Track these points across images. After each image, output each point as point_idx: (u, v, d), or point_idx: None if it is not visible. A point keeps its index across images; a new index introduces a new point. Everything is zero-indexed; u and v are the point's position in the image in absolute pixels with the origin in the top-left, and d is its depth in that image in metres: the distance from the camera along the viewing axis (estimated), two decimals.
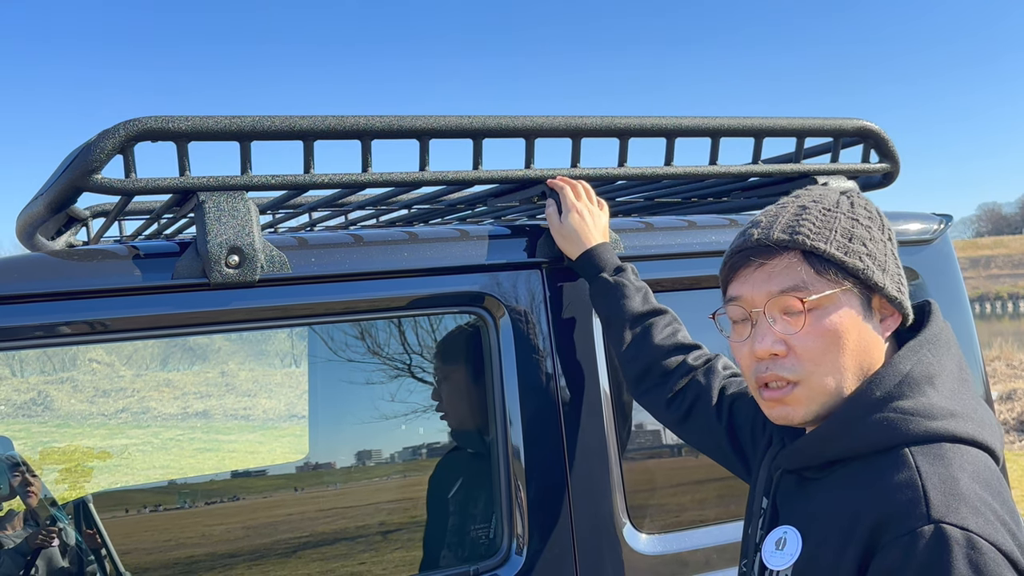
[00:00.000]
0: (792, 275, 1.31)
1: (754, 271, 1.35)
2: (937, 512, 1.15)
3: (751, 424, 1.63)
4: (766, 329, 1.33)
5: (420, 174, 1.89)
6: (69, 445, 8.15)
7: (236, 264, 1.67)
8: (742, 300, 1.36)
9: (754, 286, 1.34)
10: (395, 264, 1.84)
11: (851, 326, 1.30)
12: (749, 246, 1.36)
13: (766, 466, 1.48)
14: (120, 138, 1.63)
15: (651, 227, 2.18)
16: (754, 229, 1.36)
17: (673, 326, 1.86)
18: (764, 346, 1.32)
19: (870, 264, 1.32)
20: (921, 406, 1.27)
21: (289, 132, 1.75)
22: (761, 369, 1.34)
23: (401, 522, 2.24)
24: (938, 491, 1.18)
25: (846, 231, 1.32)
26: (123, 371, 10.59)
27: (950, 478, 1.19)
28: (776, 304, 1.32)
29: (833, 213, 1.34)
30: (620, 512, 1.98)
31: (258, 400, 9.92)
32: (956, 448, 1.24)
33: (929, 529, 1.14)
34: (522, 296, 1.96)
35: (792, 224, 1.33)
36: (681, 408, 1.76)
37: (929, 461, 1.22)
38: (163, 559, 2.61)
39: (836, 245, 1.31)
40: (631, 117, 2.06)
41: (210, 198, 1.69)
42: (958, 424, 1.26)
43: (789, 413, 1.34)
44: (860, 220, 1.35)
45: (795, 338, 1.31)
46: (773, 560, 1.34)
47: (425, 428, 2.24)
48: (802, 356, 1.31)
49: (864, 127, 2.28)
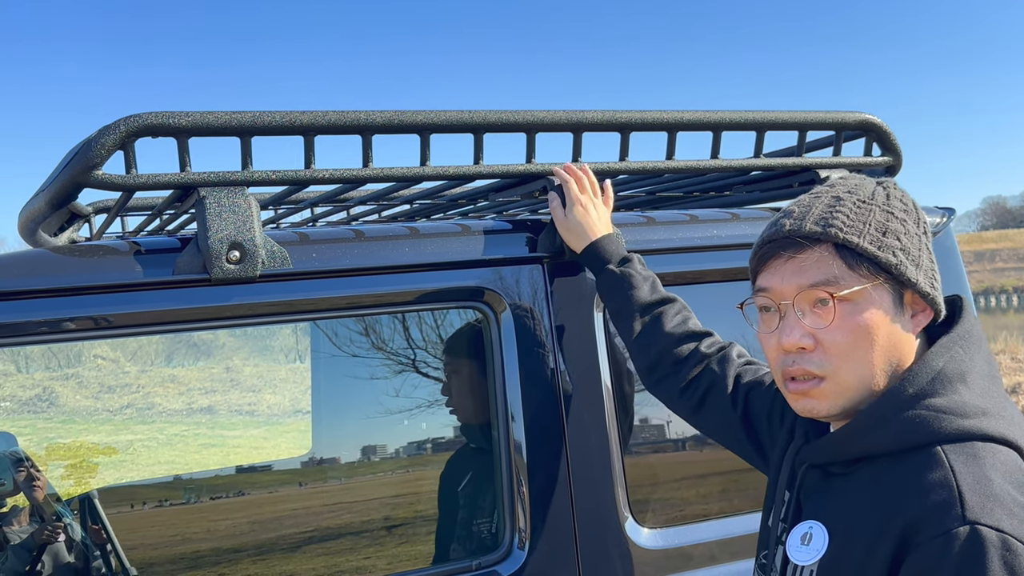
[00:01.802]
0: (823, 269, 1.29)
1: (784, 263, 1.32)
2: (972, 513, 1.14)
3: (767, 413, 1.62)
4: (794, 322, 1.30)
5: (421, 169, 1.89)
6: (74, 441, 8.18)
7: (237, 260, 1.68)
8: (771, 291, 1.34)
9: (784, 278, 1.32)
10: (396, 259, 1.84)
11: (882, 322, 1.28)
12: (780, 237, 1.33)
13: (789, 459, 1.46)
14: (121, 134, 1.63)
15: (653, 221, 2.17)
16: (786, 219, 1.33)
17: (683, 314, 1.85)
18: (792, 339, 1.30)
19: (904, 259, 1.29)
20: (954, 404, 1.25)
21: (290, 127, 1.75)
22: (788, 362, 1.32)
23: (405, 517, 2.24)
24: (972, 492, 1.16)
25: (880, 224, 1.30)
26: (128, 367, 10.62)
27: (984, 478, 1.18)
28: (806, 297, 1.30)
29: (868, 205, 1.31)
30: (622, 506, 1.98)
31: (263, 396, 9.94)
32: (988, 447, 1.23)
33: (964, 530, 1.13)
34: (524, 291, 1.96)
35: (825, 216, 1.30)
36: (695, 396, 1.74)
37: (963, 461, 1.20)
38: (168, 554, 2.61)
39: (870, 239, 1.28)
40: (632, 111, 2.06)
41: (211, 194, 1.69)
42: (990, 423, 1.25)
43: (814, 407, 1.32)
44: (895, 213, 1.32)
45: (823, 332, 1.28)
46: (799, 555, 1.32)
47: (427, 423, 2.24)
48: (830, 351, 1.29)
49: (866, 120, 2.27)
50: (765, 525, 1.51)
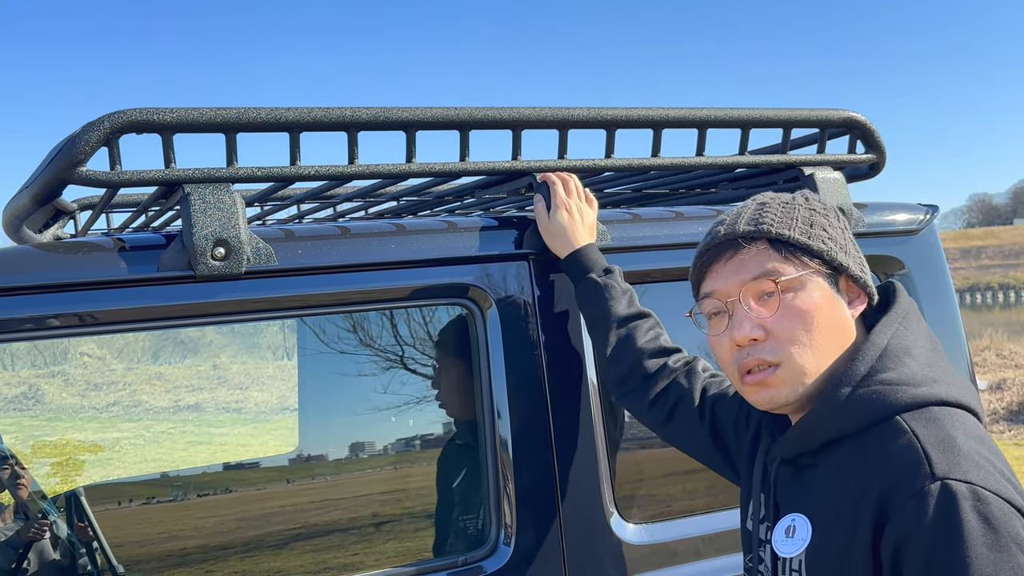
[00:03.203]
0: (762, 261, 1.37)
1: (724, 264, 1.40)
2: (940, 470, 1.19)
3: (733, 423, 1.66)
4: (743, 316, 1.37)
5: (407, 166, 1.90)
6: (60, 439, 8.14)
7: (222, 256, 1.67)
8: (716, 293, 1.41)
9: (727, 277, 1.40)
10: (382, 256, 1.85)
11: (823, 304, 1.36)
12: (717, 243, 1.42)
13: (760, 461, 1.51)
14: (105, 130, 1.63)
15: (639, 218, 2.18)
16: (719, 227, 1.43)
17: (656, 330, 1.89)
18: (743, 332, 1.36)
19: (832, 246, 1.38)
20: (904, 376, 1.31)
21: (275, 124, 1.74)
22: (743, 356, 1.38)
23: (392, 513, 2.25)
24: (937, 450, 1.21)
25: (806, 219, 1.40)
26: (114, 365, 10.57)
27: (947, 437, 1.23)
28: (750, 290, 1.37)
29: (791, 205, 1.42)
30: (608, 502, 1.99)
31: (250, 393, 9.92)
32: (945, 410, 1.28)
33: (936, 487, 1.18)
34: (510, 288, 1.97)
35: (755, 217, 1.40)
36: (663, 410, 1.78)
37: (923, 425, 1.25)
38: (155, 552, 2.61)
39: (799, 231, 1.38)
40: (618, 108, 2.06)
41: (195, 190, 1.68)
42: (942, 388, 1.31)
43: (773, 395, 1.37)
44: (817, 210, 1.42)
45: (771, 320, 1.35)
46: (785, 548, 1.36)
47: (414, 420, 2.24)
48: (780, 337, 1.35)
49: (850, 118, 2.28)
50: (745, 529, 1.55)
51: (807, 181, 2.27)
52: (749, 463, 1.58)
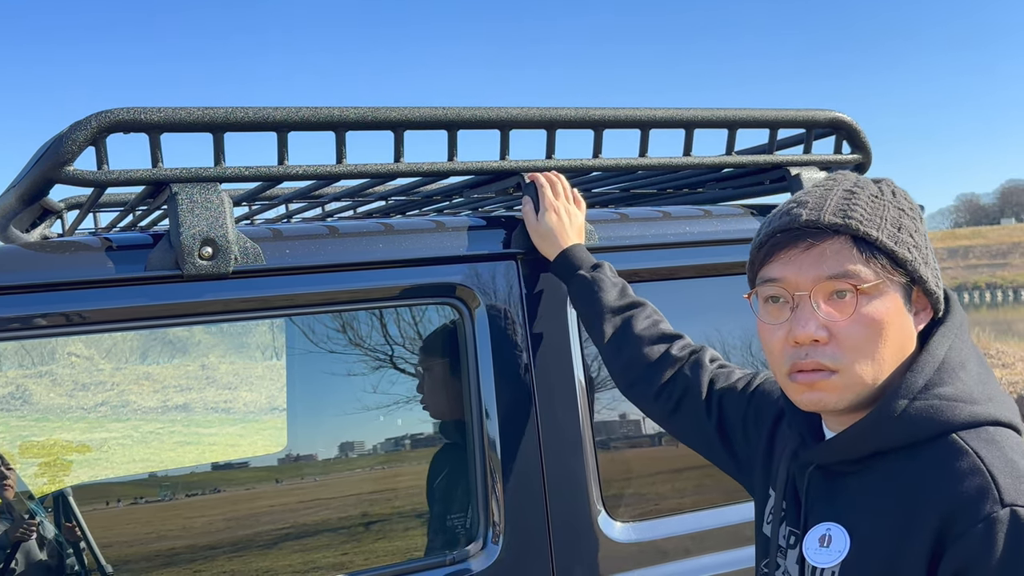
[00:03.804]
0: (843, 260, 1.26)
1: (801, 253, 1.28)
2: (1009, 496, 1.14)
3: (742, 419, 1.60)
4: (809, 314, 1.27)
5: (395, 166, 1.90)
6: (48, 439, 8.11)
7: (209, 256, 1.67)
8: (784, 282, 1.29)
9: (801, 268, 1.28)
10: (370, 255, 1.85)
11: (894, 318, 1.27)
12: (796, 226, 1.29)
13: (784, 463, 1.44)
14: (92, 129, 1.63)
15: (626, 218, 2.19)
16: (801, 209, 1.30)
17: (653, 318, 1.85)
18: (807, 331, 1.26)
19: (916, 256, 1.28)
20: (962, 391, 1.25)
21: (263, 123, 1.75)
22: (799, 355, 1.28)
23: (381, 513, 2.25)
24: (1004, 475, 1.16)
25: (895, 220, 1.29)
26: (102, 365, 10.53)
27: (1010, 461, 1.19)
28: (824, 289, 1.27)
29: (880, 200, 1.30)
30: (595, 501, 2.00)
31: (238, 393, 9.89)
32: (1001, 431, 1.24)
33: (1005, 513, 1.13)
34: (498, 287, 1.97)
35: (843, 208, 1.28)
36: (669, 402, 1.73)
37: (984, 446, 1.20)
38: (144, 552, 2.60)
39: (887, 234, 1.27)
40: (605, 108, 2.08)
41: (183, 190, 1.68)
42: (996, 408, 1.26)
43: (822, 399, 1.29)
44: (905, 210, 1.31)
45: (839, 325, 1.26)
46: (819, 558, 1.30)
47: (403, 419, 2.24)
48: (844, 344, 1.26)
49: (836, 118, 2.30)
50: (761, 534, 1.49)
51: (793, 181, 2.28)
52: (765, 463, 1.52)
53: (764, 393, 1.61)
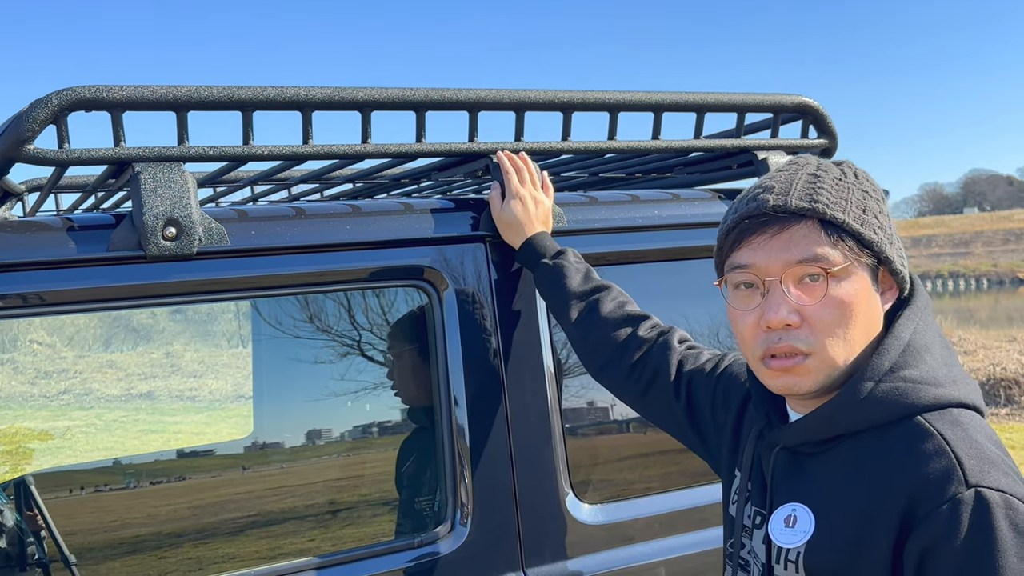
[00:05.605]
0: (811, 244, 1.27)
1: (770, 239, 1.29)
2: (973, 477, 1.16)
3: (711, 400, 1.61)
4: (780, 299, 1.28)
5: (362, 147, 1.88)
6: (10, 427, 8.00)
7: (173, 236, 1.65)
8: (754, 268, 1.30)
9: (770, 254, 1.29)
10: (336, 237, 1.83)
11: (863, 298, 1.28)
12: (763, 212, 1.29)
13: (750, 444, 1.45)
14: (53, 108, 1.60)
15: (595, 201, 2.19)
16: (767, 195, 1.30)
17: (619, 299, 1.85)
18: (779, 316, 1.27)
19: (882, 236, 1.30)
20: (926, 374, 1.27)
21: (227, 102, 1.72)
22: (772, 339, 1.29)
23: (348, 498, 2.24)
24: (968, 456, 1.18)
25: (860, 202, 1.30)
26: (65, 352, 10.40)
27: (974, 442, 1.20)
28: (794, 273, 1.27)
29: (844, 183, 1.31)
30: (563, 483, 2.00)
31: (204, 381, 9.81)
32: (965, 413, 1.25)
33: (970, 494, 1.15)
34: (466, 270, 1.96)
35: (809, 192, 1.29)
36: (639, 384, 1.73)
37: (948, 428, 1.22)
38: (108, 539, 2.57)
39: (853, 216, 1.28)
40: (574, 91, 2.07)
41: (146, 169, 1.66)
42: (959, 390, 1.27)
43: (796, 383, 1.30)
44: (869, 192, 1.32)
45: (810, 308, 1.27)
46: (784, 538, 1.31)
47: (370, 404, 2.23)
48: (816, 327, 1.27)
49: (803, 103, 2.31)
50: (728, 514, 1.50)
51: (760, 165, 2.29)
52: (733, 444, 1.53)
53: (732, 375, 1.61)
